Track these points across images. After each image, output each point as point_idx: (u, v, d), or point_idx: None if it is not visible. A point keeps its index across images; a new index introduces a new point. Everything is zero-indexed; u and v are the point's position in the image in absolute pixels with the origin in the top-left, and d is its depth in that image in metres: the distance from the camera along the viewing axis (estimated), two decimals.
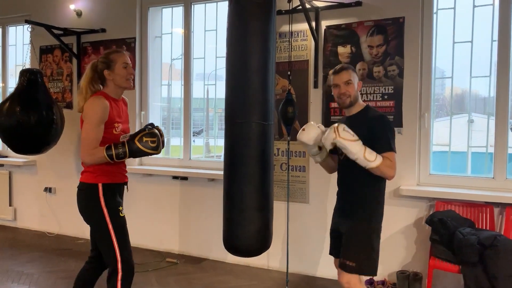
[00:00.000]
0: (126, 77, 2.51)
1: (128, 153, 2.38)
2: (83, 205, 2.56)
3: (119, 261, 2.46)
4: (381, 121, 2.46)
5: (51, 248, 4.59)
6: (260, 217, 2.53)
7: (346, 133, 2.33)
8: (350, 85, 2.50)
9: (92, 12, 4.80)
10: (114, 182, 2.53)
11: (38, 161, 5.20)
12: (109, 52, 2.55)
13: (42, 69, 5.03)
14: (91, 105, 2.42)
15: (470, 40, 3.47)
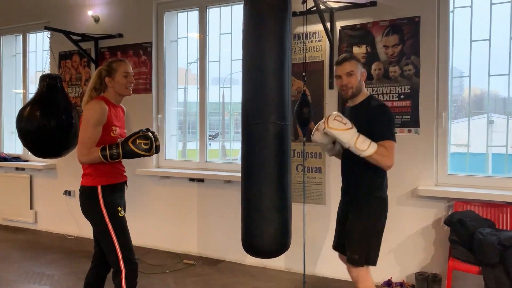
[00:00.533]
0: (125, 85, 2.64)
1: (122, 154, 2.48)
2: (84, 207, 2.64)
3: (121, 260, 2.54)
4: (379, 110, 2.45)
5: (71, 250, 4.67)
6: (279, 217, 2.53)
7: (336, 122, 2.35)
8: (352, 76, 2.48)
9: (109, 18, 4.88)
10: (112, 182, 2.61)
11: (58, 164, 5.29)
12: (112, 60, 2.69)
13: (61, 74, 5.12)
14: (90, 108, 2.54)
15: (488, 38, 3.42)
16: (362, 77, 2.52)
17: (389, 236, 3.60)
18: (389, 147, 2.34)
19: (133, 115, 4.80)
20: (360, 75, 2.51)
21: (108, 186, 2.58)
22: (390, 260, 3.63)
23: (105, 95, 2.64)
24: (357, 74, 2.49)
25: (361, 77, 2.52)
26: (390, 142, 2.35)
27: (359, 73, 2.50)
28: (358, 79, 2.50)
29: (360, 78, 2.51)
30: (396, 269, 3.59)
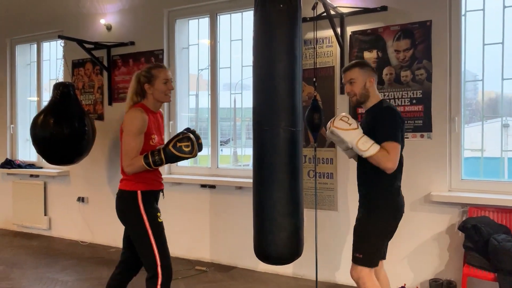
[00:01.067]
0: (165, 92, 2.62)
1: (165, 159, 2.47)
2: (122, 212, 2.65)
3: (159, 266, 2.53)
4: (384, 111, 2.48)
5: (84, 256, 4.70)
6: (291, 223, 2.52)
7: (341, 122, 2.43)
8: (354, 84, 2.55)
9: (121, 26, 4.94)
10: (151, 189, 2.62)
11: (71, 171, 5.35)
12: (151, 66, 2.66)
13: (74, 82, 5.19)
14: (131, 117, 2.53)
15: (501, 42, 3.38)
16: (369, 83, 2.55)
17: (402, 242, 3.58)
18: (391, 149, 2.35)
19: None
20: (365, 82, 2.54)
21: (148, 192, 2.60)
22: (403, 267, 3.58)
23: (144, 102, 2.63)
24: (359, 81, 2.54)
25: (368, 83, 2.54)
26: (392, 143, 2.37)
27: (362, 80, 2.54)
28: (362, 85, 2.54)
29: (365, 84, 2.54)
30: (410, 276, 3.55)
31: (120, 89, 4.99)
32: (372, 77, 2.58)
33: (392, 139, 2.38)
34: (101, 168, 5.13)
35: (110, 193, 5.09)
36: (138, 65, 4.84)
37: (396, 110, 2.53)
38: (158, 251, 2.54)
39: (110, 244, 5.07)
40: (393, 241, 3.60)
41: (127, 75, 4.92)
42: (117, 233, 5.03)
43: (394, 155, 2.36)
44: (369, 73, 2.58)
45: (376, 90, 2.62)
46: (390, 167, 2.38)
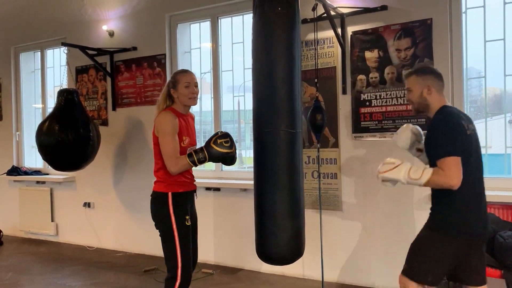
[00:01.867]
0: (188, 96, 2.69)
1: (208, 157, 2.53)
2: (154, 212, 2.72)
3: (179, 268, 2.59)
4: (434, 126, 2.29)
5: (91, 261, 4.73)
6: (291, 224, 2.53)
7: (385, 166, 2.29)
8: (410, 92, 2.40)
9: (124, 32, 4.97)
10: (182, 190, 2.69)
11: (77, 177, 5.38)
12: (176, 72, 2.80)
13: (78, 88, 5.23)
14: (162, 120, 2.62)
15: (503, 38, 3.38)
16: (427, 92, 2.34)
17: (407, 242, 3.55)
18: (446, 165, 2.15)
19: (149, 126, 4.87)
20: (422, 90, 2.35)
21: (179, 193, 2.66)
22: None
23: (174, 106, 2.72)
24: (415, 89, 2.37)
25: (425, 92, 2.34)
26: (445, 159, 2.15)
27: (418, 88, 2.36)
28: (418, 94, 2.36)
29: (422, 93, 2.35)
30: None
31: (123, 94, 5.02)
32: (431, 85, 2.35)
33: (443, 155, 2.17)
34: (107, 173, 5.16)
35: (116, 197, 5.12)
36: (141, 70, 4.87)
37: (451, 118, 2.26)
38: (181, 253, 2.60)
39: (116, 248, 5.09)
40: (397, 240, 3.62)
41: (130, 80, 4.95)
42: (123, 237, 5.09)
43: (452, 170, 2.14)
44: (428, 81, 2.36)
45: (438, 99, 2.36)
46: (452, 184, 2.15)
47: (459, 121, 2.25)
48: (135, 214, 4.99)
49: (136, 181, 4.96)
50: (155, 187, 2.73)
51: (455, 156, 2.16)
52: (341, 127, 3.82)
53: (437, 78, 2.39)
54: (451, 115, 2.28)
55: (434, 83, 2.37)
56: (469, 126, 2.30)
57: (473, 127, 2.35)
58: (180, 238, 2.61)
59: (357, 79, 3.73)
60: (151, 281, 4.04)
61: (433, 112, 2.35)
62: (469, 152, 2.26)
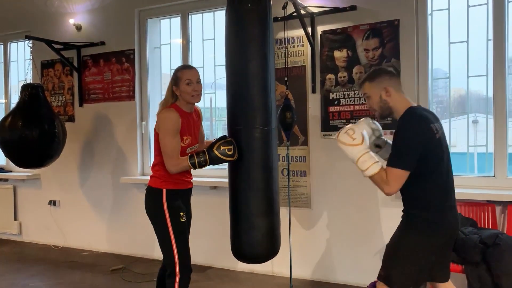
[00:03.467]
0: (190, 93, 2.63)
1: (209, 161, 2.51)
2: (148, 207, 2.72)
3: (177, 264, 2.59)
4: (397, 131, 2.20)
5: (56, 260, 4.62)
6: (266, 223, 2.54)
7: (345, 136, 2.20)
8: (369, 99, 2.33)
9: (91, 26, 4.86)
10: (177, 188, 2.68)
11: (42, 174, 5.24)
12: (177, 69, 2.72)
13: (44, 83, 5.08)
14: (164, 118, 2.59)
15: (466, 40, 3.48)
16: (385, 93, 2.26)
17: (374, 238, 3.65)
18: (390, 175, 2.12)
19: (117, 123, 4.79)
20: (381, 92, 2.26)
21: (173, 190, 2.65)
22: (376, 262, 3.63)
23: (177, 103, 2.68)
24: (374, 94, 2.29)
25: (384, 95, 2.26)
26: (393, 169, 2.12)
27: (376, 93, 2.28)
28: (377, 99, 2.28)
29: (381, 96, 2.26)
30: None
31: (91, 90, 4.91)
32: (388, 86, 2.26)
33: (393, 164, 2.13)
34: (73, 170, 5.04)
35: (82, 195, 5.01)
36: (109, 66, 4.78)
37: (416, 124, 2.18)
38: (177, 249, 2.60)
39: (83, 247, 4.99)
40: (365, 237, 3.69)
41: (98, 76, 4.85)
42: (90, 236, 4.99)
43: (392, 181, 2.12)
44: (383, 82, 2.27)
45: (399, 99, 2.27)
46: (386, 192, 2.15)
47: (427, 125, 2.18)
48: (102, 212, 4.90)
49: (103, 179, 4.87)
50: (150, 181, 2.71)
51: (403, 169, 2.12)
52: (310, 126, 3.86)
53: (391, 77, 2.32)
54: (418, 121, 2.19)
55: (390, 83, 2.28)
56: (437, 127, 2.24)
57: (441, 126, 2.30)
58: (176, 234, 2.61)
59: (326, 78, 3.77)
60: (119, 280, 3.98)
61: (399, 114, 2.25)
62: (441, 154, 2.23)
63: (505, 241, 2.81)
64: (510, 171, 3.36)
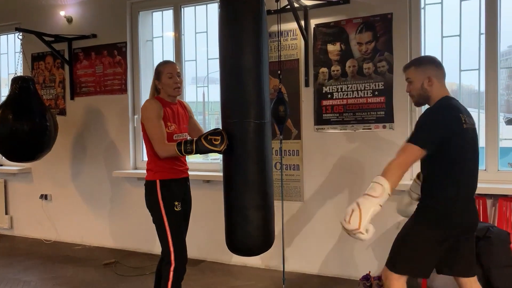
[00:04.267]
0: (171, 86, 2.74)
1: (195, 149, 2.55)
2: (146, 200, 2.78)
3: (172, 253, 2.66)
4: (423, 114, 2.28)
5: (48, 255, 4.59)
6: (260, 216, 2.53)
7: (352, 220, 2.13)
8: (411, 84, 2.34)
9: (83, 18, 4.81)
10: (171, 177, 2.73)
11: (33, 168, 5.20)
12: (158, 64, 2.83)
13: (35, 76, 5.03)
14: (145, 107, 2.71)
15: (459, 34, 3.49)
16: (428, 82, 2.28)
17: None
18: (403, 147, 2.16)
19: (109, 116, 4.75)
20: (423, 81, 2.29)
21: (167, 180, 2.71)
22: (368, 255, 3.68)
23: (161, 95, 2.78)
24: (416, 81, 2.31)
25: (426, 83, 2.28)
26: (407, 144, 2.15)
27: (418, 80, 2.30)
28: (419, 86, 2.30)
29: (423, 84, 2.29)
30: (374, 263, 3.64)
31: (82, 83, 4.87)
32: (432, 76, 2.28)
33: (410, 140, 2.15)
34: (65, 164, 5.00)
35: (74, 189, 4.98)
36: (101, 59, 4.74)
37: (444, 109, 2.23)
38: (172, 239, 2.66)
39: (75, 241, 4.96)
40: None
41: (89, 69, 4.80)
42: (83, 230, 4.96)
43: (401, 151, 2.14)
44: (428, 71, 2.30)
45: (439, 89, 2.30)
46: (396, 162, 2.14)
47: (455, 113, 2.20)
48: (95, 206, 4.88)
49: (95, 172, 4.84)
50: (146, 175, 2.78)
51: (417, 145, 2.12)
52: (303, 119, 3.86)
53: (437, 67, 2.33)
54: (447, 107, 2.23)
55: (435, 73, 2.30)
56: (467, 119, 2.23)
57: (472, 121, 2.30)
58: (170, 224, 2.67)
59: (319, 71, 3.77)
60: (111, 275, 3.97)
61: (434, 101, 2.29)
62: (464, 146, 2.22)
63: (496, 234, 2.84)
64: (501, 164, 3.39)
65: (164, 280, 2.68)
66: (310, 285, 3.65)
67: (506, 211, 3.22)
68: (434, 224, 2.23)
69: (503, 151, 3.59)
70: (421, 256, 2.26)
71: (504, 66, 3.72)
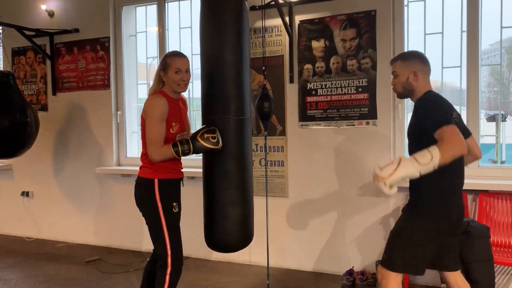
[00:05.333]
0: (177, 82, 2.56)
1: (192, 149, 2.45)
2: (139, 199, 2.65)
3: (169, 256, 2.54)
4: (421, 103, 2.26)
5: (30, 253, 4.53)
6: (237, 211, 2.53)
7: (386, 169, 2.01)
8: (396, 77, 2.36)
9: (65, 12, 4.73)
10: (169, 178, 2.60)
11: (14, 165, 5.11)
12: (167, 54, 2.63)
13: (15, 71, 4.94)
14: (151, 104, 2.52)
15: (441, 32, 3.53)
16: (413, 77, 2.30)
17: (350, 227, 3.70)
18: (446, 133, 2.04)
19: (91, 112, 4.70)
20: (409, 75, 2.30)
21: (165, 180, 2.58)
22: (352, 250, 3.71)
23: (164, 89, 2.61)
24: (402, 74, 2.33)
25: (411, 77, 2.31)
26: (445, 127, 2.05)
27: (405, 74, 2.32)
28: (404, 79, 2.32)
29: (408, 78, 2.31)
30: (358, 258, 3.68)
31: (64, 79, 4.80)
32: (418, 70, 2.31)
33: (441, 124, 2.07)
34: (46, 160, 4.93)
35: (56, 186, 4.92)
36: (83, 54, 4.67)
37: (437, 100, 2.27)
38: (169, 241, 2.55)
39: (58, 239, 4.90)
40: (340, 226, 3.74)
41: (72, 64, 4.74)
42: (65, 227, 4.90)
43: (453, 136, 2.03)
44: (415, 66, 2.32)
45: (423, 84, 2.33)
46: (459, 149, 2.03)
47: (446, 104, 2.27)
48: (77, 203, 4.82)
49: (78, 169, 4.78)
50: (140, 172, 2.63)
51: (451, 124, 2.08)
52: (288, 116, 3.87)
53: (423, 63, 2.36)
54: (437, 98, 2.29)
55: (421, 68, 2.33)
56: (453, 113, 2.27)
57: (458, 115, 2.33)
58: (168, 226, 2.56)
59: (303, 68, 3.78)
60: (94, 272, 3.94)
61: (417, 97, 2.32)
62: None
63: (476, 228, 2.89)
64: (482, 161, 3.44)
65: (160, 284, 2.56)
66: (294, 280, 3.67)
67: (486, 206, 3.28)
68: (428, 218, 2.24)
69: (484, 147, 3.65)
70: (416, 253, 2.26)
71: (486, 63, 3.78)
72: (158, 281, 2.58)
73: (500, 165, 3.58)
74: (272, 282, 3.52)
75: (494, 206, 3.28)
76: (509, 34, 3.51)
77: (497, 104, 3.65)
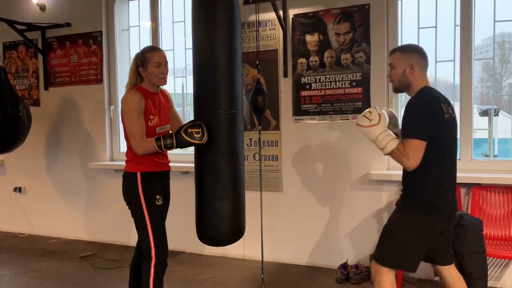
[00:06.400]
0: (158, 76, 2.60)
1: (176, 144, 2.46)
2: (124, 192, 2.68)
3: (152, 248, 2.57)
4: (409, 106, 2.24)
5: (22, 248, 4.50)
6: (227, 206, 2.52)
7: (363, 119, 2.26)
8: (393, 69, 2.35)
9: (56, 6, 4.68)
10: (152, 170, 2.62)
11: (6, 160, 5.07)
12: (145, 49, 2.65)
13: (6, 66, 4.89)
14: (126, 99, 2.55)
15: (434, 26, 3.54)
16: (409, 70, 2.29)
17: (343, 221, 3.71)
18: (407, 146, 2.14)
19: (84, 107, 4.66)
20: (405, 68, 2.29)
21: (148, 173, 2.60)
22: (346, 244, 3.72)
23: (142, 84, 2.63)
24: (399, 67, 2.31)
25: (408, 70, 2.29)
26: (410, 140, 2.14)
27: (401, 66, 2.30)
28: (401, 72, 2.30)
29: (404, 71, 2.29)
30: (352, 252, 3.69)
31: (56, 73, 4.76)
32: (415, 64, 2.29)
33: (409, 135, 2.15)
34: (39, 156, 4.89)
35: (48, 182, 4.88)
36: (76, 48, 4.63)
37: (429, 102, 2.23)
38: (152, 233, 2.57)
39: (50, 234, 4.88)
40: (334, 220, 3.75)
41: (64, 58, 4.70)
42: (58, 223, 4.87)
43: (411, 152, 2.13)
44: (412, 59, 2.30)
45: (420, 79, 2.31)
46: (409, 165, 2.15)
47: (438, 104, 2.23)
48: (70, 198, 4.79)
49: (70, 164, 4.75)
50: (125, 166, 2.67)
51: (420, 140, 2.14)
52: (282, 110, 3.86)
53: (422, 57, 2.35)
54: (431, 98, 2.25)
55: (418, 62, 2.31)
56: (448, 109, 2.28)
57: (452, 110, 2.33)
58: (151, 218, 2.58)
59: (297, 62, 3.77)
60: (88, 267, 3.92)
61: (414, 92, 2.30)
62: (447, 135, 2.25)
63: (469, 221, 2.91)
64: (474, 154, 3.46)
65: (146, 276, 2.58)
66: (289, 274, 3.68)
67: (479, 199, 3.31)
68: (421, 213, 2.24)
69: (477, 142, 3.68)
70: (410, 248, 2.26)
71: (479, 58, 3.79)
72: (145, 274, 2.59)
73: (493, 159, 3.61)
74: (266, 276, 3.52)
75: (487, 199, 3.30)
76: (502, 29, 3.52)
77: (490, 98, 3.67)
